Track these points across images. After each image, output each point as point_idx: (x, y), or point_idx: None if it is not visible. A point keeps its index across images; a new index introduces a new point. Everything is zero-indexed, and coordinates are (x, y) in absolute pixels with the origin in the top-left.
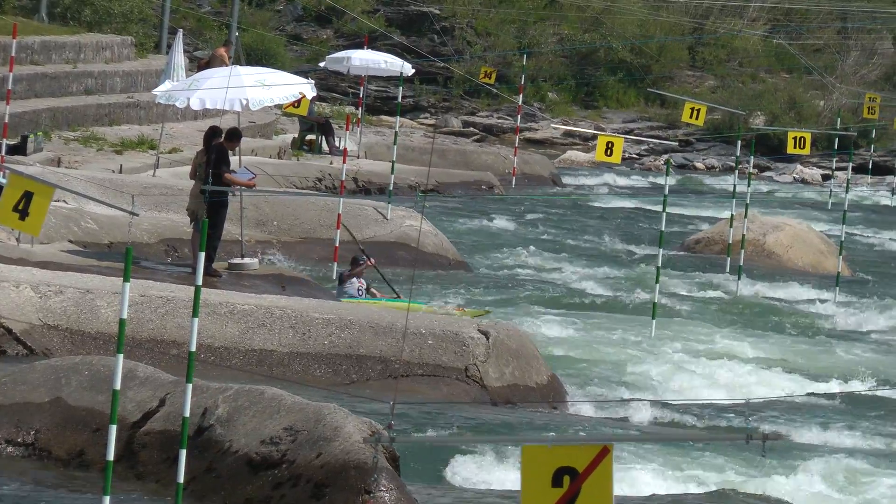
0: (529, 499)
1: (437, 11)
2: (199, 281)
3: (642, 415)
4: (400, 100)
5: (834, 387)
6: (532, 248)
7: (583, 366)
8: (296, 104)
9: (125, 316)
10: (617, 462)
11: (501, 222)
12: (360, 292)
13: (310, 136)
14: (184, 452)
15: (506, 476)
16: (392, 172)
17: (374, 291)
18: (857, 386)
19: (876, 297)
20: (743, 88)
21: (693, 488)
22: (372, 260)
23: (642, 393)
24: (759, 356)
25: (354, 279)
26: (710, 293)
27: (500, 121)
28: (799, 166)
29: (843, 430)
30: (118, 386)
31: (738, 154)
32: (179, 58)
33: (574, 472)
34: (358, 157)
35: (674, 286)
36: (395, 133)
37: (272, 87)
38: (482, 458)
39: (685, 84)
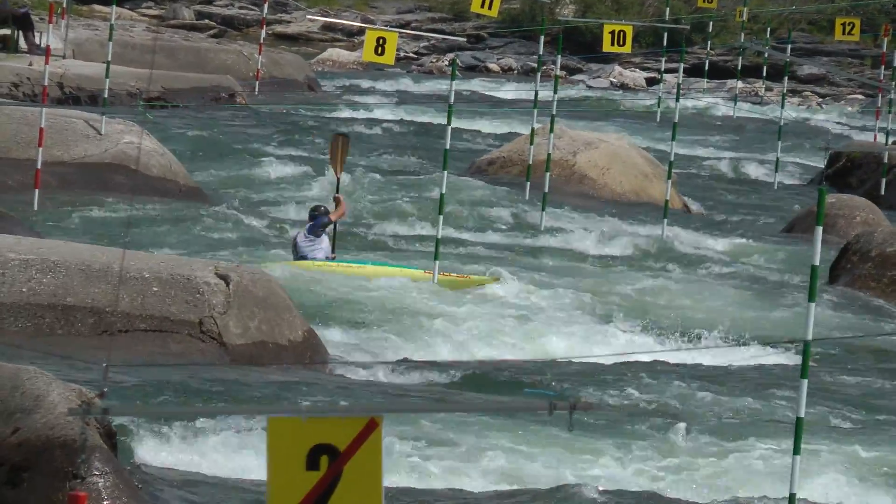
0: (278, 485)
1: None
2: None
3: (422, 379)
4: None
5: (659, 343)
6: (284, 170)
7: (348, 319)
8: None
9: None
10: (389, 438)
11: (244, 138)
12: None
13: (3, 31)
14: None
15: (250, 456)
16: (107, 76)
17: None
18: (685, 343)
19: (712, 232)
20: None
21: (491, 473)
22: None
23: (422, 353)
24: (567, 306)
25: (325, 236)
26: (508, 227)
27: (242, 11)
28: (618, 68)
29: (666, 394)
30: None
31: (542, 52)
32: None
33: (334, 450)
34: (64, 57)
35: (461, 219)
36: (111, 27)
37: None
38: (221, 433)
39: None
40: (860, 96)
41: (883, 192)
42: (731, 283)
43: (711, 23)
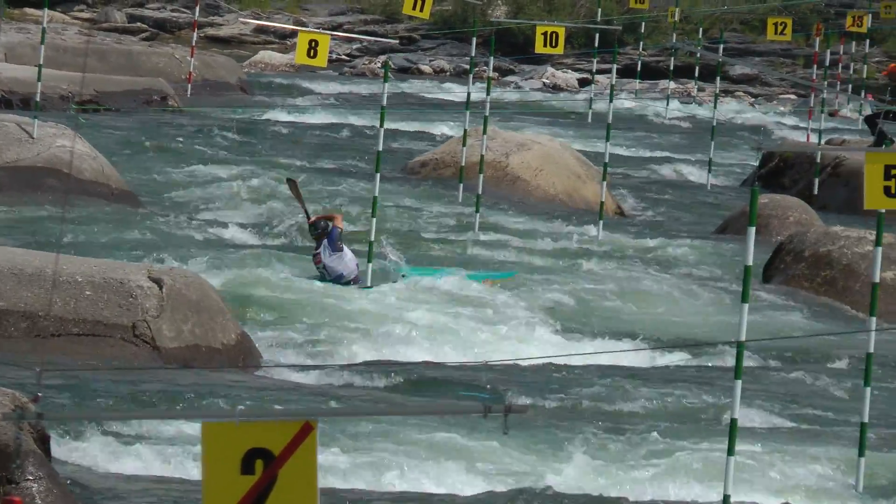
0: (213, 489)
1: None
2: None
3: (356, 382)
4: None
5: (594, 345)
6: (217, 173)
7: (282, 322)
8: None
9: None
10: (324, 442)
11: (177, 141)
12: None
13: None
14: None
15: (185, 460)
16: (39, 80)
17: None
18: (620, 345)
19: (645, 233)
20: None
21: (425, 475)
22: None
23: (356, 355)
24: (502, 309)
25: (346, 248)
26: (441, 230)
27: (174, 14)
28: (550, 69)
29: (601, 395)
30: None
31: (474, 54)
32: None
33: (269, 454)
34: None
35: (394, 220)
36: (43, 30)
37: None
38: (155, 436)
39: None
40: (793, 96)
41: (816, 192)
42: (665, 285)
43: (643, 23)
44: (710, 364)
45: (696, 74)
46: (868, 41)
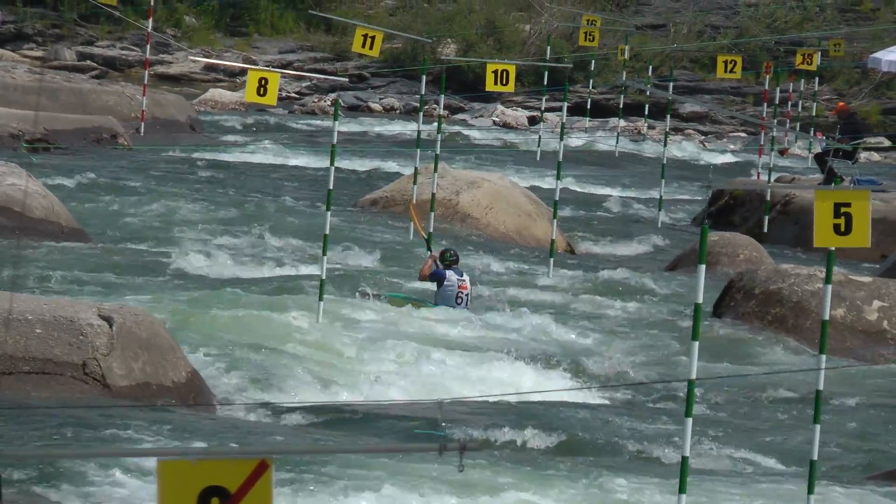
0: None
1: None
2: None
3: (311, 420)
4: None
5: (546, 382)
6: (168, 212)
7: (233, 360)
8: None
9: None
10: (280, 481)
11: (128, 180)
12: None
13: None
14: None
15: (142, 498)
16: None
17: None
18: (571, 382)
19: (596, 271)
20: (429, 10)
21: None
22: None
23: (309, 392)
24: (455, 347)
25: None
26: (392, 266)
27: (124, 52)
28: (500, 107)
29: (554, 432)
30: None
31: (424, 92)
32: None
33: (225, 492)
34: None
35: (345, 258)
36: None
37: None
38: (110, 475)
39: (356, 5)
40: (743, 134)
41: (766, 230)
42: (616, 322)
43: (593, 61)
44: (660, 401)
45: (646, 112)
46: (817, 79)
